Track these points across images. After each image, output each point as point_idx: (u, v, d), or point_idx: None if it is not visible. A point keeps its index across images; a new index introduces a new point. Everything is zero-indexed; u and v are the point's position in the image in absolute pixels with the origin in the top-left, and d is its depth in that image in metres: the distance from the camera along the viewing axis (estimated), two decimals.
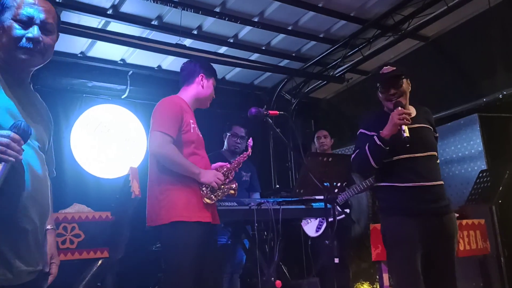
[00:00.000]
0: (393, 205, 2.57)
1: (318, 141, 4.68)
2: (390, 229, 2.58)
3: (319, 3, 4.77)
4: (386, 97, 2.65)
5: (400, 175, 2.53)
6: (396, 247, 2.53)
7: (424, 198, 2.50)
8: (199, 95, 2.82)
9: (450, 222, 2.56)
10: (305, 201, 3.47)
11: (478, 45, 5.03)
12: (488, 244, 4.05)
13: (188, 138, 2.64)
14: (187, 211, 2.49)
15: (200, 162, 2.64)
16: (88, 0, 4.30)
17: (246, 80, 6.41)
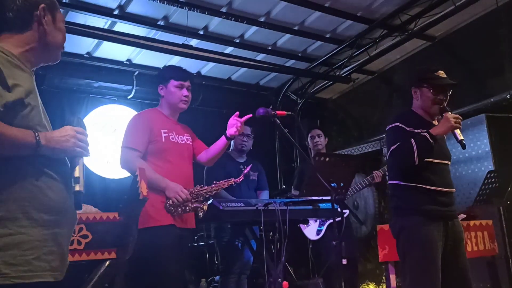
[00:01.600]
0: (414, 205, 2.60)
1: (312, 141, 4.58)
2: (409, 229, 2.59)
3: (326, 3, 4.76)
4: (436, 100, 2.66)
5: (427, 177, 2.59)
6: (417, 247, 2.54)
7: (443, 201, 2.59)
8: (168, 103, 2.93)
9: (459, 225, 2.68)
10: (312, 202, 3.46)
11: (485, 45, 5.00)
12: (496, 245, 4.02)
13: (158, 147, 2.74)
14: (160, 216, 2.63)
15: (173, 170, 2.73)
16: (94, 0, 4.31)
17: (252, 80, 6.41)
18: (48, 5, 1.59)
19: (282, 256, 3.23)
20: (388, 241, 3.84)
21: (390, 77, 6.13)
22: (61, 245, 1.46)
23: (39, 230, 1.38)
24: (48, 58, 1.65)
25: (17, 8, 1.53)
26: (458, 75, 5.35)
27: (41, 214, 1.40)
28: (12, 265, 1.30)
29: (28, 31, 1.55)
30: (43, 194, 1.43)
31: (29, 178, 1.42)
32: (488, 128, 5.08)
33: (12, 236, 1.33)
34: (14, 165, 1.40)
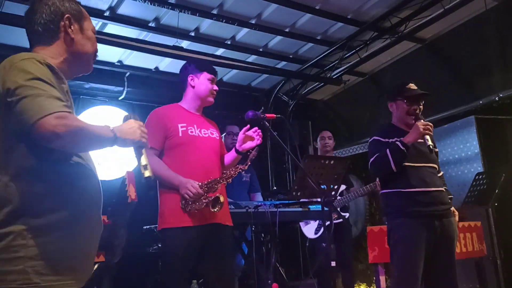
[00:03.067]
0: (399, 208, 2.77)
1: (321, 142, 4.67)
2: (395, 230, 2.77)
3: (316, 5, 4.77)
4: (409, 111, 2.90)
5: (405, 181, 2.76)
6: (400, 246, 2.71)
7: (425, 202, 2.72)
8: (195, 95, 2.84)
9: (450, 224, 2.76)
10: (302, 204, 3.48)
11: (474, 47, 5.05)
12: (484, 246, 4.07)
13: (175, 142, 2.67)
14: (173, 218, 2.56)
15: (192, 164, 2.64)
16: (85, 2, 4.29)
17: (243, 81, 6.42)
18: (74, 15, 1.63)
19: (272, 258, 3.25)
20: (378, 242, 3.87)
21: (380, 79, 6.17)
22: (90, 254, 1.53)
23: (69, 241, 1.42)
24: (80, 68, 1.69)
25: (44, 22, 1.58)
26: (447, 77, 5.42)
27: (72, 225, 1.44)
28: (43, 275, 1.34)
29: (56, 42, 1.60)
30: (75, 205, 1.48)
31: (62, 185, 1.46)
32: (477, 130, 5.14)
33: (44, 245, 1.36)
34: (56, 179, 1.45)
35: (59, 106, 1.37)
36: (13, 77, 1.38)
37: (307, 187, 3.23)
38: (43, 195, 1.39)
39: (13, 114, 1.36)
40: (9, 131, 1.40)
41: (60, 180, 1.45)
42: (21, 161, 1.39)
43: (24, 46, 4.88)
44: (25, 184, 1.38)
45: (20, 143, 1.40)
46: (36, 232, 1.36)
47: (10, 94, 1.37)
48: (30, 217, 1.36)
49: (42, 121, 1.32)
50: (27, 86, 1.37)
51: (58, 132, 1.33)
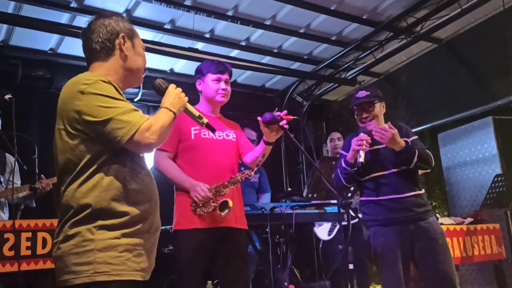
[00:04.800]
0: (372, 217, 2.85)
1: (331, 143, 4.61)
2: (372, 238, 2.85)
3: (332, 6, 4.76)
4: (359, 119, 2.91)
5: (374, 190, 2.82)
6: (378, 254, 2.80)
7: (396, 208, 2.74)
8: (206, 98, 2.83)
9: (429, 226, 2.74)
10: (319, 205, 3.46)
11: (492, 47, 4.98)
12: (503, 249, 4.00)
13: (188, 145, 2.67)
14: (184, 219, 2.57)
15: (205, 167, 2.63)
16: (102, 5, 4.34)
17: (258, 82, 6.42)
18: (127, 34, 1.77)
19: (288, 260, 3.24)
20: None
21: (396, 80, 6.13)
22: (148, 249, 1.64)
23: (132, 238, 1.57)
24: (132, 81, 1.83)
25: (101, 40, 1.73)
26: (464, 77, 5.36)
27: (134, 224, 1.59)
28: (111, 264, 1.51)
29: (112, 58, 1.74)
30: (135, 205, 1.61)
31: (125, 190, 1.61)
32: (495, 131, 5.07)
33: (110, 240, 1.53)
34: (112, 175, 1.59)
35: (142, 117, 1.57)
36: (89, 102, 1.54)
37: (322, 189, 3.22)
38: (116, 201, 1.56)
39: (100, 134, 1.54)
40: (88, 147, 1.56)
41: (131, 186, 1.61)
42: (97, 171, 1.56)
43: (41, 49, 4.98)
44: (101, 191, 1.55)
45: (101, 156, 1.57)
46: (103, 229, 1.53)
47: (94, 118, 1.53)
48: (102, 219, 1.54)
49: (135, 137, 1.53)
50: (107, 107, 1.54)
51: (152, 142, 1.56)
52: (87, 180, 1.55)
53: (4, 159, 3.63)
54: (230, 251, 2.61)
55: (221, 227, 2.56)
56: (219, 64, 2.82)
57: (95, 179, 1.55)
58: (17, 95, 2.90)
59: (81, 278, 1.48)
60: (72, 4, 4.28)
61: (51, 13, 4.27)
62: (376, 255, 2.83)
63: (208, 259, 2.58)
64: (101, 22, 1.76)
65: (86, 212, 1.52)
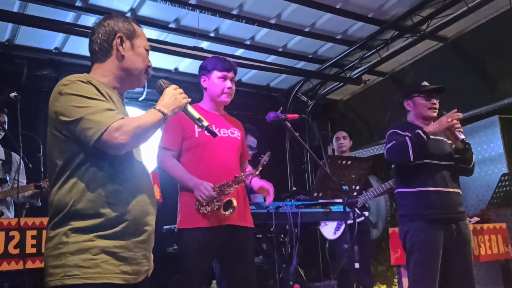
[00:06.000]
0: (415, 211, 2.73)
1: (337, 142, 4.60)
2: (411, 233, 2.72)
3: (337, 5, 4.74)
4: (429, 106, 2.89)
5: (422, 179, 2.71)
6: (417, 251, 2.68)
7: (442, 204, 2.68)
8: (210, 96, 2.79)
9: (466, 227, 2.75)
10: (324, 205, 3.44)
11: (498, 46, 4.95)
12: (509, 249, 3.97)
13: (192, 143, 2.65)
14: (188, 218, 2.56)
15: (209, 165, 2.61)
16: (107, 4, 4.34)
17: (263, 82, 6.41)
18: (125, 33, 1.74)
19: (294, 259, 3.23)
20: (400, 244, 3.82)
21: (401, 79, 6.10)
22: (134, 252, 1.58)
23: (109, 241, 1.53)
24: (132, 82, 1.79)
25: (100, 41, 1.72)
26: (470, 76, 5.32)
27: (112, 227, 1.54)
28: (83, 268, 1.47)
29: (109, 59, 1.72)
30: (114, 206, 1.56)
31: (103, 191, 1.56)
32: (501, 130, 5.03)
33: (84, 243, 1.49)
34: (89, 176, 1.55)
35: (113, 116, 1.52)
36: (64, 102, 1.53)
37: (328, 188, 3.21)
38: (91, 202, 1.52)
39: (72, 134, 1.52)
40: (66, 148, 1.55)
41: (110, 187, 1.56)
42: (74, 172, 1.54)
43: (47, 48, 4.99)
44: (77, 193, 1.52)
45: (78, 156, 1.54)
46: (78, 232, 1.50)
47: (67, 118, 1.51)
48: (77, 220, 1.51)
49: (104, 136, 1.48)
50: (79, 107, 1.51)
51: (122, 142, 1.50)
52: (66, 181, 1.54)
53: (10, 158, 3.64)
54: (236, 251, 2.58)
55: (226, 226, 2.53)
56: (225, 62, 2.78)
57: (73, 180, 1.53)
58: (23, 95, 2.91)
59: (53, 281, 1.47)
60: (77, 3, 4.28)
61: (56, 12, 4.27)
62: (412, 252, 2.72)
63: (213, 258, 2.57)
64: (102, 23, 1.75)
65: (63, 213, 1.51)
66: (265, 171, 4.88)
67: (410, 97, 2.96)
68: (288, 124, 2.67)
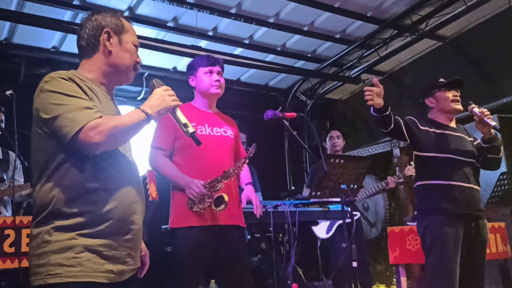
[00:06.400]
0: (436, 204, 2.69)
1: (330, 141, 4.60)
2: (432, 227, 2.68)
3: (335, 4, 4.74)
4: (451, 98, 2.89)
5: (444, 173, 2.70)
6: (439, 245, 2.62)
7: (464, 200, 2.66)
8: (200, 92, 2.81)
9: (484, 227, 2.73)
10: (322, 203, 3.44)
11: (497, 45, 4.94)
12: (508, 248, 3.96)
13: (184, 143, 2.64)
14: (181, 218, 2.55)
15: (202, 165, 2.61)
16: (105, 2, 4.33)
17: (261, 81, 6.40)
18: (113, 29, 1.71)
19: (291, 258, 3.22)
20: (399, 243, 3.81)
21: (400, 78, 6.09)
22: (119, 250, 1.56)
23: (92, 239, 1.50)
24: (119, 79, 1.76)
25: (87, 36, 1.69)
26: (469, 75, 5.30)
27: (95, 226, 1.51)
28: (66, 266, 1.45)
29: (96, 54, 1.69)
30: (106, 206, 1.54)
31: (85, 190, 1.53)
32: (500, 129, 5.01)
33: (67, 241, 1.47)
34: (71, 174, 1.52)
35: (89, 115, 1.48)
36: (44, 99, 1.51)
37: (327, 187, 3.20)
38: (73, 201, 1.50)
39: (52, 131, 1.50)
40: (48, 146, 1.53)
41: (92, 184, 1.53)
42: (56, 170, 1.51)
43: (44, 47, 4.97)
44: (59, 191, 1.50)
45: (59, 154, 1.52)
46: (60, 230, 1.48)
47: (46, 115, 1.49)
48: (59, 220, 1.49)
49: (80, 135, 1.45)
50: (57, 104, 1.49)
51: (97, 141, 1.47)
52: (49, 179, 1.52)
53: (8, 157, 3.63)
54: (230, 251, 2.58)
55: (219, 226, 2.54)
56: (209, 57, 2.81)
57: (55, 178, 1.51)
58: (20, 94, 2.89)
59: (37, 280, 1.46)
60: (75, 1, 4.28)
61: (54, 10, 4.26)
62: (433, 247, 2.65)
63: (208, 257, 2.55)
64: (90, 18, 1.72)
65: (46, 212, 1.49)
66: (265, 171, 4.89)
67: (431, 94, 2.96)
68: (286, 123, 2.66)
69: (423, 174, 2.82)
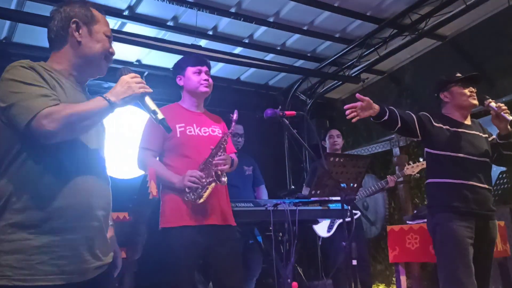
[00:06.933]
0: (444, 202, 2.68)
1: (330, 140, 4.62)
2: (443, 224, 2.65)
3: (335, 3, 4.74)
4: (468, 94, 2.85)
5: (457, 171, 2.68)
6: (451, 241, 2.60)
7: (476, 199, 2.64)
8: (189, 92, 2.84)
9: (494, 227, 2.73)
10: (322, 202, 3.44)
11: (497, 44, 4.95)
12: (508, 247, 3.97)
13: (173, 143, 2.67)
14: (174, 217, 2.55)
15: (191, 165, 2.62)
16: (104, 1, 4.33)
17: (261, 80, 6.40)
18: (82, 19, 1.68)
19: (291, 257, 3.23)
20: (399, 242, 3.82)
21: (400, 77, 6.09)
22: (77, 249, 1.49)
23: (47, 237, 1.44)
24: (91, 70, 1.72)
25: (56, 28, 1.67)
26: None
27: (52, 221, 1.45)
28: (16, 268, 1.38)
29: (65, 46, 1.66)
30: (57, 199, 1.47)
31: (40, 183, 1.46)
32: None
33: (19, 241, 1.41)
34: (26, 167, 1.46)
35: (44, 103, 1.43)
36: (2, 88, 1.48)
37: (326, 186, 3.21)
38: (26, 196, 1.43)
39: (8, 120, 1.46)
40: (5, 136, 1.48)
41: (46, 179, 1.47)
42: (12, 162, 1.46)
43: (44, 46, 4.94)
44: (13, 185, 1.44)
45: (15, 145, 1.47)
46: (14, 228, 1.42)
47: (2, 103, 1.45)
48: (13, 216, 1.42)
49: (33, 123, 1.40)
50: (14, 92, 1.45)
51: (50, 129, 1.41)
52: (4, 173, 1.46)
53: None
54: (222, 252, 2.59)
55: (212, 225, 2.56)
56: (197, 56, 2.88)
57: (10, 171, 1.45)
58: None
59: None
60: None
61: None
62: (445, 244, 2.62)
63: (200, 256, 2.56)
64: (58, 9, 1.69)
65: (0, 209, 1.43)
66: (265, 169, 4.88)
67: (447, 88, 2.92)
68: (286, 121, 2.67)
69: (435, 171, 2.80)
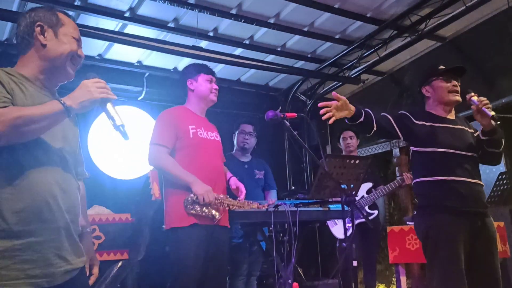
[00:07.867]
0: (439, 202, 2.53)
1: (344, 142, 4.61)
2: (435, 227, 2.51)
3: (335, 4, 4.75)
4: (449, 89, 2.68)
5: (446, 168, 2.53)
6: (443, 245, 2.46)
7: (468, 196, 2.49)
8: (197, 97, 2.93)
9: (491, 224, 2.56)
10: (322, 203, 3.46)
11: (497, 45, 4.96)
12: (507, 247, 3.99)
13: (186, 143, 2.73)
14: (182, 216, 2.59)
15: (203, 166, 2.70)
16: (106, 3, 4.35)
17: (262, 81, 6.42)
18: (47, 23, 1.68)
19: (292, 257, 3.24)
20: (399, 243, 3.84)
21: (400, 78, 6.11)
22: (42, 252, 1.46)
23: (10, 241, 1.41)
24: (58, 73, 1.72)
25: (21, 34, 1.68)
26: (468, 75, 5.29)
27: (11, 224, 1.43)
28: None
29: (30, 50, 1.67)
30: (14, 201, 1.45)
31: (3, 183, 1.45)
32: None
33: None
34: None
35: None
36: None
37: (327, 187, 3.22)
38: None
39: None
40: None
41: (11, 181, 1.45)
42: None
43: None
44: None
45: None
46: None
47: None
48: None
49: None
50: None
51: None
52: None
53: None
54: (216, 250, 2.67)
55: (214, 225, 2.64)
56: (209, 67, 3.02)
57: None
58: None
59: None
60: (76, 2, 4.29)
61: None
62: (439, 248, 2.47)
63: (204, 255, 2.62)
64: (25, 15, 1.70)
65: None
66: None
67: (428, 82, 2.75)
68: (287, 123, 2.70)
69: (423, 169, 2.64)
